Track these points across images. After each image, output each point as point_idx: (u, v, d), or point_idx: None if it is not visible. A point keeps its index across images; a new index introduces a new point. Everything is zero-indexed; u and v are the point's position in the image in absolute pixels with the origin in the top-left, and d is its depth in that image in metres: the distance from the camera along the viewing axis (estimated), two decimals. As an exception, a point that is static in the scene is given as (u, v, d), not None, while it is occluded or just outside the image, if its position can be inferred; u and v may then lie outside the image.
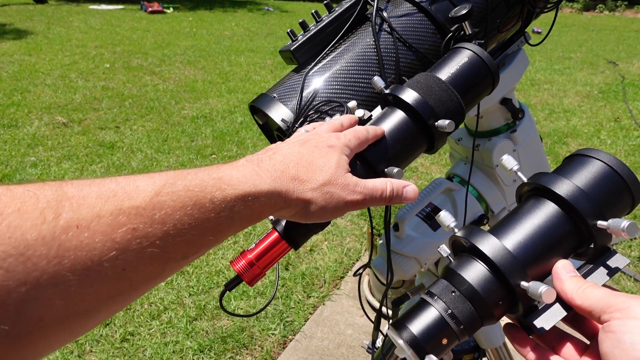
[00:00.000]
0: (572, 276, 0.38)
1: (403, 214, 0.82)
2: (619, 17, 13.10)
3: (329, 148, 0.43)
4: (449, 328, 0.39)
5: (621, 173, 0.40)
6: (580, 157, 0.42)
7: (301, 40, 0.65)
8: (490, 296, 0.39)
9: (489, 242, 0.39)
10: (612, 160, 0.40)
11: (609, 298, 0.35)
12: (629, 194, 0.40)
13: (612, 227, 0.37)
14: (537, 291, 0.36)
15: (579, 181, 0.40)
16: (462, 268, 0.40)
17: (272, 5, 11.93)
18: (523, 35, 0.78)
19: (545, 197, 0.41)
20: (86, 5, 10.02)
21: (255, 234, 2.41)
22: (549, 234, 0.39)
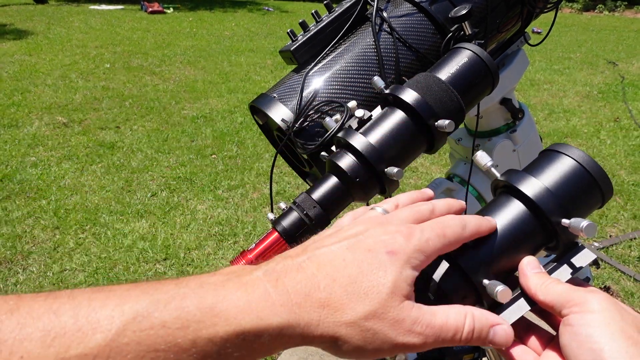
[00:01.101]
0: (537, 272, 0.39)
1: (403, 214, 0.82)
2: (619, 17, 13.10)
3: (389, 256, 0.31)
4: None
5: (590, 170, 0.40)
6: (551, 153, 0.43)
7: (301, 40, 0.65)
8: (456, 292, 0.39)
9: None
10: (582, 156, 0.41)
11: (569, 293, 0.35)
12: (598, 191, 0.41)
13: (573, 226, 0.38)
14: (494, 291, 0.37)
15: (547, 179, 0.40)
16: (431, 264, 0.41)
17: (272, 6, 11.92)
18: (523, 36, 0.78)
19: (513, 195, 0.42)
20: (86, 6, 10.02)
21: (255, 234, 2.41)
22: (515, 232, 0.40)
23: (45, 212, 2.50)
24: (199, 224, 2.48)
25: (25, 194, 2.68)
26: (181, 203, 2.66)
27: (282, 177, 2.97)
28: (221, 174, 2.99)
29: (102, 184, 2.82)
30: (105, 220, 2.47)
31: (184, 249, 2.27)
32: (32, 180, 2.81)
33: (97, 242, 2.30)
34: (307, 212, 0.49)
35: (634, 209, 2.70)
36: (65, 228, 2.39)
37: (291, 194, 2.79)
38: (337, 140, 0.51)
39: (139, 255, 2.21)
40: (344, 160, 0.48)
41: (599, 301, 0.34)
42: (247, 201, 2.71)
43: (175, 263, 2.18)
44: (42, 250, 2.22)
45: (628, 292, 2.03)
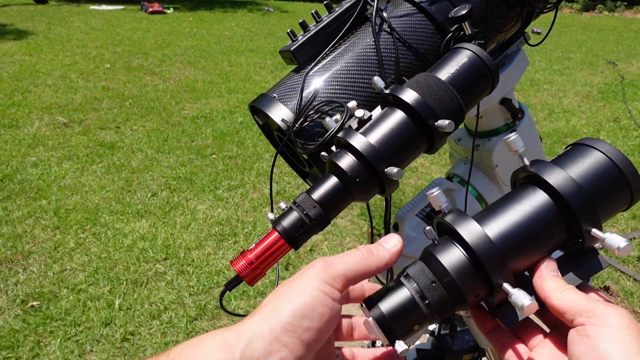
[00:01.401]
0: (554, 275, 0.38)
1: (403, 214, 0.82)
2: (618, 18, 13.10)
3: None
4: (418, 309, 0.39)
5: (621, 166, 0.38)
6: (579, 148, 0.40)
7: (301, 40, 0.65)
8: (466, 285, 0.37)
9: (470, 227, 0.38)
10: (613, 151, 0.39)
11: (587, 303, 0.35)
12: (627, 190, 0.38)
13: (608, 243, 0.36)
14: (520, 303, 0.35)
15: (575, 172, 0.38)
16: (441, 250, 0.39)
17: (272, 6, 11.93)
18: (523, 36, 0.78)
19: (537, 185, 0.39)
20: (87, 6, 10.02)
21: (255, 234, 2.41)
22: (538, 225, 0.38)
23: (46, 212, 2.50)
24: (199, 224, 2.48)
25: (26, 194, 2.68)
26: (181, 203, 2.67)
27: (282, 177, 2.97)
28: (221, 174, 2.99)
29: (103, 184, 2.82)
30: (106, 220, 2.47)
31: (184, 249, 2.27)
32: (32, 180, 2.81)
33: (98, 242, 2.30)
34: (307, 212, 0.49)
35: (633, 209, 2.70)
36: (66, 228, 2.39)
37: (291, 194, 2.79)
38: (337, 140, 0.52)
39: (139, 255, 2.21)
40: (344, 160, 0.48)
41: (620, 317, 0.34)
42: (247, 201, 2.71)
43: (175, 263, 2.18)
44: (43, 250, 2.23)
45: (628, 292, 2.03)
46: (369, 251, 0.40)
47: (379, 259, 0.39)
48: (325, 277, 0.36)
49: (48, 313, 1.85)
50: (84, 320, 1.83)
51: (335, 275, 0.37)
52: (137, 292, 1.99)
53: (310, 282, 0.36)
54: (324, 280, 0.36)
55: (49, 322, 1.82)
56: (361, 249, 0.40)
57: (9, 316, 1.84)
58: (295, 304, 0.35)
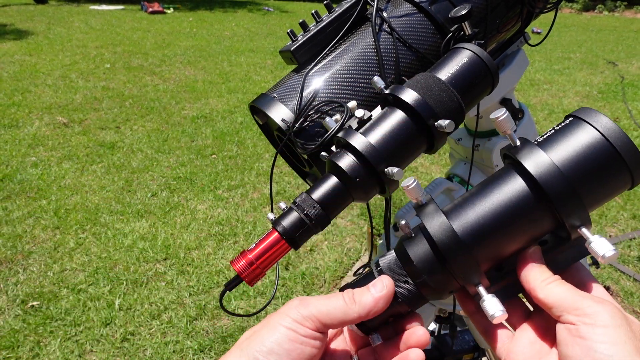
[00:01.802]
0: (539, 266, 0.37)
1: (403, 214, 0.82)
2: (618, 18, 13.10)
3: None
4: (395, 308, 0.39)
5: (616, 144, 0.33)
6: (573, 122, 0.36)
7: (301, 40, 0.65)
8: (429, 273, 0.37)
9: (436, 220, 0.37)
10: (607, 125, 0.34)
11: (575, 299, 0.34)
12: (624, 169, 0.34)
13: (593, 248, 0.33)
14: (490, 312, 0.35)
15: (559, 155, 0.34)
16: (411, 243, 0.39)
17: (272, 6, 11.92)
18: (523, 36, 0.78)
19: (516, 171, 0.37)
20: (87, 6, 10.02)
21: (255, 234, 2.41)
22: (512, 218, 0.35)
23: (46, 212, 2.51)
24: (199, 223, 2.48)
25: (26, 194, 2.68)
26: (181, 203, 2.67)
27: (282, 177, 2.97)
28: (221, 174, 2.99)
29: (103, 184, 2.82)
30: (106, 220, 2.47)
31: (184, 249, 2.27)
32: (32, 180, 2.81)
33: (97, 242, 2.30)
34: (307, 212, 0.49)
35: (633, 209, 2.70)
36: (66, 228, 2.39)
37: (291, 194, 2.79)
38: (337, 140, 0.52)
39: (139, 255, 2.21)
40: (343, 160, 0.48)
41: (612, 316, 0.33)
42: (247, 201, 2.71)
43: (175, 263, 2.18)
44: (43, 250, 2.23)
45: (628, 292, 2.03)
46: (351, 298, 0.39)
47: (360, 307, 0.39)
48: (297, 316, 0.37)
49: (48, 313, 1.85)
50: (84, 320, 1.83)
51: (307, 316, 0.37)
52: (137, 292, 1.99)
53: (283, 320, 0.38)
54: (295, 319, 0.37)
55: (49, 322, 1.82)
56: (345, 294, 0.40)
57: (9, 316, 1.84)
58: (264, 340, 0.37)
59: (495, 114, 0.36)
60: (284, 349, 0.36)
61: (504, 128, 0.37)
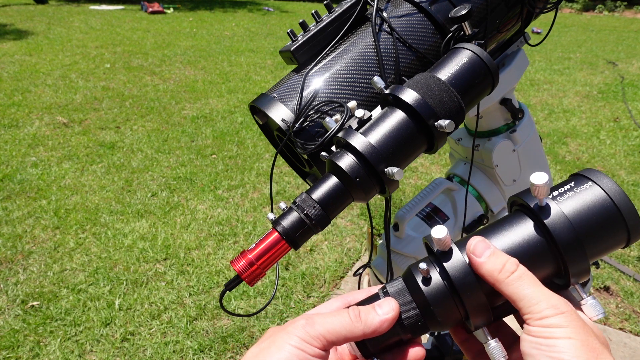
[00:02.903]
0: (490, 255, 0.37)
1: (403, 214, 0.82)
2: (618, 18, 13.10)
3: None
4: (397, 335, 0.40)
5: (617, 202, 0.37)
6: (577, 179, 0.40)
7: (301, 40, 0.65)
8: (437, 306, 0.38)
9: (453, 260, 0.38)
10: (611, 186, 0.37)
11: (532, 299, 0.35)
12: (622, 226, 0.37)
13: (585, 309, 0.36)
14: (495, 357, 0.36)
15: (568, 206, 0.38)
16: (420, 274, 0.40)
17: (272, 6, 11.92)
18: (523, 36, 0.78)
19: (527, 215, 0.39)
20: (87, 6, 10.02)
21: (255, 234, 2.41)
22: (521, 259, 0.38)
23: (46, 212, 2.50)
24: (199, 224, 2.48)
25: (26, 194, 2.68)
26: (181, 203, 2.67)
27: (282, 177, 2.97)
28: (221, 174, 2.99)
29: (103, 184, 2.82)
30: (106, 220, 2.47)
31: (184, 249, 2.27)
32: (32, 180, 2.81)
33: (97, 242, 2.30)
34: (307, 212, 0.49)
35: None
36: (66, 228, 2.39)
37: (291, 194, 2.79)
38: (337, 140, 0.52)
39: (139, 255, 2.21)
40: (344, 160, 0.48)
41: (566, 317, 0.34)
42: (247, 201, 2.71)
43: (175, 263, 2.18)
44: (43, 250, 2.23)
45: (628, 292, 2.03)
46: (357, 316, 0.39)
47: (366, 326, 0.39)
48: (304, 336, 0.37)
49: (48, 313, 1.85)
50: (84, 320, 1.83)
51: (314, 335, 0.37)
52: (137, 292, 1.99)
53: (290, 339, 0.37)
54: (303, 338, 0.37)
55: (49, 322, 1.82)
56: (350, 311, 0.39)
57: (9, 316, 1.84)
58: (270, 356, 0.36)
59: (536, 179, 0.36)
60: None
61: (541, 195, 0.38)
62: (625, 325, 1.88)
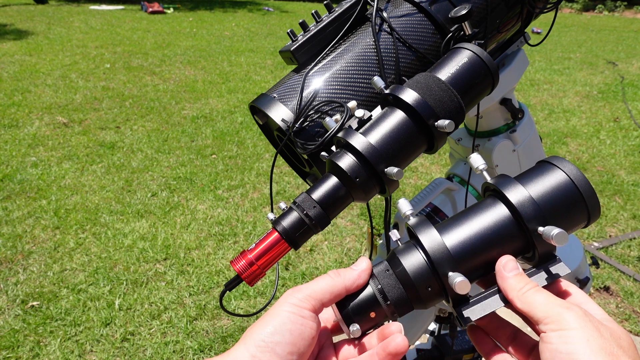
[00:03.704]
0: (515, 274, 0.40)
1: (403, 214, 0.82)
2: (618, 18, 13.10)
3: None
4: (378, 305, 0.42)
5: (579, 186, 0.40)
6: (542, 165, 0.43)
7: (301, 40, 0.65)
8: (420, 284, 0.41)
9: (429, 235, 0.41)
10: (573, 171, 0.41)
11: (547, 307, 0.36)
12: (584, 208, 0.41)
13: (545, 233, 0.38)
14: (453, 281, 0.38)
15: (534, 189, 0.41)
16: (403, 253, 0.43)
17: (272, 6, 11.92)
18: (523, 36, 0.78)
19: (499, 198, 0.42)
20: (87, 6, 10.02)
21: (255, 234, 2.41)
22: (492, 234, 0.41)
23: (46, 212, 2.50)
24: (199, 224, 2.48)
25: (26, 194, 2.68)
26: (181, 203, 2.67)
27: (282, 177, 2.97)
28: (221, 174, 2.99)
29: (103, 184, 2.82)
30: (106, 220, 2.47)
31: (184, 249, 2.27)
32: (32, 180, 2.81)
33: (98, 242, 2.30)
34: (307, 212, 0.49)
35: (633, 209, 2.70)
36: (66, 228, 2.39)
37: (291, 194, 2.79)
38: (337, 140, 0.52)
39: (139, 255, 2.21)
40: (343, 160, 0.48)
41: (576, 318, 0.35)
42: (247, 201, 2.71)
43: (175, 263, 2.18)
44: (43, 250, 2.23)
45: (628, 292, 2.03)
46: (336, 274, 0.43)
47: (345, 279, 0.43)
48: (294, 300, 0.41)
49: (48, 313, 1.85)
50: (84, 320, 1.83)
51: (302, 297, 0.41)
52: (137, 292, 1.99)
53: (282, 307, 0.41)
54: (293, 302, 0.41)
55: (49, 322, 1.82)
56: (330, 273, 0.44)
57: (9, 316, 1.84)
58: (267, 324, 0.40)
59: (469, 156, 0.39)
60: (287, 329, 0.39)
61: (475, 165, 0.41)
62: (625, 325, 1.88)
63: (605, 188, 2.95)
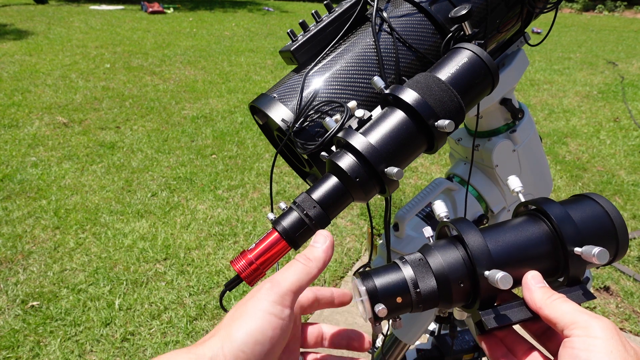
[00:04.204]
0: (541, 287, 0.40)
1: (403, 214, 0.82)
2: (618, 18, 13.10)
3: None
4: (408, 293, 0.42)
5: (614, 220, 0.42)
6: (582, 197, 0.45)
7: (301, 40, 0.65)
8: (454, 279, 0.41)
9: (472, 236, 0.42)
10: (609, 206, 0.43)
11: (574, 314, 0.36)
12: (614, 241, 0.42)
13: (585, 252, 0.39)
14: (494, 277, 0.38)
15: (574, 213, 0.42)
16: (440, 248, 0.43)
17: (272, 6, 11.93)
18: (523, 36, 0.78)
19: (539, 217, 0.43)
20: (87, 6, 10.02)
21: (255, 234, 2.41)
22: (529, 247, 0.42)
23: (46, 212, 2.51)
24: (199, 224, 2.48)
25: (26, 194, 2.68)
26: (181, 203, 2.67)
27: (282, 177, 2.97)
28: (221, 174, 2.99)
29: (102, 184, 2.82)
30: (106, 220, 2.47)
31: (184, 249, 2.27)
32: (32, 180, 2.81)
33: (98, 242, 2.30)
34: (307, 212, 0.49)
35: (633, 209, 2.70)
36: (66, 228, 2.39)
37: (291, 194, 2.79)
38: (337, 140, 0.52)
39: (139, 255, 2.21)
40: (343, 160, 0.48)
41: (603, 328, 0.34)
42: (247, 201, 2.71)
43: (175, 263, 2.18)
44: (43, 250, 2.23)
45: (628, 292, 2.03)
46: (306, 258, 0.42)
47: (317, 261, 0.42)
48: (274, 298, 0.38)
49: (48, 313, 1.85)
50: (84, 320, 1.83)
51: (283, 294, 0.38)
52: (137, 292, 1.99)
53: (260, 305, 0.38)
54: (274, 300, 0.38)
55: (49, 322, 1.82)
56: (299, 258, 0.42)
57: (9, 316, 1.84)
58: (246, 329, 0.36)
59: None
60: (268, 337, 0.37)
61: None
62: (625, 325, 1.88)
63: (605, 188, 2.95)
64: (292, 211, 0.50)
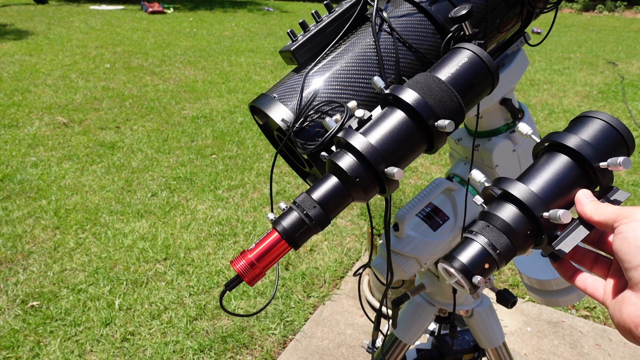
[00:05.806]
0: (591, 200, 0.46)
1: (403, 214, 0.82)
2: (619, 18, 13.10)
3: None
4: (490, 256, 0.46)
5: (618, 128, 0.49)
6: (584, 118, 0.50)
7: (301, 40, 0.65)
8: (520, 229, 0.46)
9: (518, 187, 0.47)
10: (611, 118, 0.49)
11: (618, 210, 0.43)
12: (624, 145, 0.49)
13: (611, 164, 0.45)
14: (556, 215, 0.43)
15: (585, 135, 0.48)
16: (496, 209, 0.48)
17: (272, 6, 11.93)
18: (523, 36, 0.78)
19: (557, 150, 0.49)
20: (87, 6, 10.02)
21: (255, 234, 2.41)
22: (565, 177, 0.48)
23: (46, 212, 2.51)
24: (199, 223, 2.48)
25: (26, 194, 2.68)
26: (181, 203, 2.67)
27: (282, 177, 2.97)
28: (221, 174, 2.99)
29: (103, 184, 2.82)
30: (106, 220, 2.47)
31: (184, 249, 2.27)
32: (32, 180, 2.81)
33: (97, 242, 2.30)
34: (307, 212, 0.49)
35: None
36: (66, 228, 2.39)
37: (291, 194, 2.79)
38: (337, 140, 0.52)
39: (139, 255, 2.21)
40: (344, 160, 0.48)
41: None
42: (247, 201, 2.71)
43: (175, 263, 2.18)
44: (43, 250, 2.23)
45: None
46: None
47: None
48: None
49: (48, 313, 1.85)
50: (84, 320, 1.83)
51: None
52: (137, 292, 1.99)
53: None
54: None
55: (49, 322, 1.82)
56: None
57: (9, 316, 1.84)
58: None
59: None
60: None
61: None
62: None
63: (605, 188, 2.95)
64: (292, 211, 0.50)
